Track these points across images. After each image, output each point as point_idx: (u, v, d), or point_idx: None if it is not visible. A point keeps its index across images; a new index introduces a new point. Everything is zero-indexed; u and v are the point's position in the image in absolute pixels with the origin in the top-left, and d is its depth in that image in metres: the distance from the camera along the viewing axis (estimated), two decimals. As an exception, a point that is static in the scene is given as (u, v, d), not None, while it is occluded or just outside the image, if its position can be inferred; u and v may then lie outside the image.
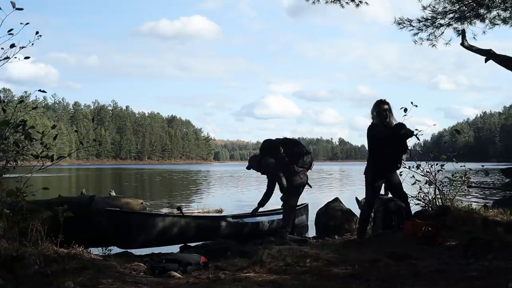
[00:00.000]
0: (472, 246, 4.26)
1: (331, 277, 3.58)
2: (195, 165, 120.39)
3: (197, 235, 6.30)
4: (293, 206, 6.83)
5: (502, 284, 3.07)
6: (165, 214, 7.14)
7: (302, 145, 7.04)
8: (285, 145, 6.85)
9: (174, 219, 6.15)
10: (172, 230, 6.04)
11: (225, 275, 3.78)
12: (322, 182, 24.86)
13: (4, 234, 3.73)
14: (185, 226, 6.18)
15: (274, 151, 6.76)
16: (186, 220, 6.28)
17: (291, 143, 7.00)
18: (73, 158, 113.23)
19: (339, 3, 8.23)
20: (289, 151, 6.77)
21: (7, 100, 8.32)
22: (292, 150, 6.78)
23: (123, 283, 3.50)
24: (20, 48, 4.13)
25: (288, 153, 6.74)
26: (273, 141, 7.02)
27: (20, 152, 4.19)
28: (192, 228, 6.26)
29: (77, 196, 8.08)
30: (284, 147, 6.79)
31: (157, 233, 5.88)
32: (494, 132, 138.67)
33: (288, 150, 6.77)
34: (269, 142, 6.99)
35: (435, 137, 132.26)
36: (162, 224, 5.94)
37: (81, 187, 17.03)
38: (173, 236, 6.11)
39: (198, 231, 6.31)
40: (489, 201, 9.45)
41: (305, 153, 6.82)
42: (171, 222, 6.07)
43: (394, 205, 5.83)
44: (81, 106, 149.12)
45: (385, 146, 5.55)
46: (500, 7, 8.22)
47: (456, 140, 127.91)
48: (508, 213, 5.83)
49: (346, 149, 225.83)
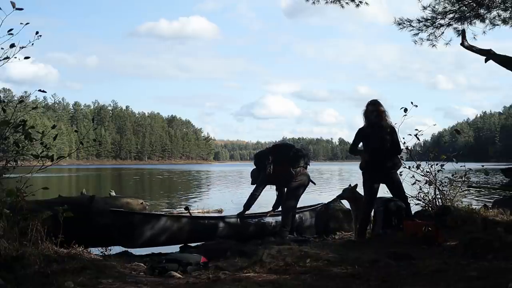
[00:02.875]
0: (472, 246, 4.26)
1: (331, 277, 3.59)
2: (195, 165, 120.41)
3: (203, 235, 6.28)
4: (291, 208, 6.80)
5: (502, 284, 3.07)
6: (171, 214, 7.13)
7: (294, 148, 7.00)
8: (275, 151, 6.88)
9: (181, 220, 6.15)
10: (178, 230, 6.03)
11: (225, 275, 3.78)
12: (322, 182, 24.87)
13: (4, 234, 3.72)
14: (191, 226, 6.18)
15: (263, 163, 6.79)
16: (192, 221, 6.28)
17: (283, 147, 7.06)
18: (73, 158, 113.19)
19: (339, 3, 8.24)
20: (282, 156, 6.76)
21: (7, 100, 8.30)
22: (285, 155, 6.77)
23: (123, 283, 3.50)
24: (20, 48, 4.13)
25: (281, 159, 6.73)
26: (262, 152, 7.14)
27: (20, 152, 4.20)
28: (199, 228, 6.26)
29: (77, 196, 8.08)
30: (273, 154, 6.80)
31: (163, 234, 5.87)
32: (494, 132, 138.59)
33: (280, 156, 6.76)
34: (258, 155, 7.11)
35: (435, 137, 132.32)
36: (167, 224, 5.93)
37: (81, 187, 17.00)
38: (179, 236, 6.11)
39: (205, 231, 6.30)
40: (489, 201, 9.44)
41: (298, 156, 6.79)
42: (177, 222, 6.06)
43: (394, 205, 5.83)
44: (81, 106, 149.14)
45: (371, 142, 5.62)
46: (500, 7, 8.22)
47: (456, 140, 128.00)
48: (508, 213, 5.84)
49: (346, 149, 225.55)
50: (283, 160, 6.73)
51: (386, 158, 5.66)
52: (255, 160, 7.02)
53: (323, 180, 27.56)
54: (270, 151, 6.97)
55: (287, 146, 7.13)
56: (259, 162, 6.88)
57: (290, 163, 6.71)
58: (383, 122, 5.67)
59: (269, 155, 6.82)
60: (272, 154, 6.83)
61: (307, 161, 6.95)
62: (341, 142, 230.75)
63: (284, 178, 6.72)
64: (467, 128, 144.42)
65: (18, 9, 4.00)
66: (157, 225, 5.82)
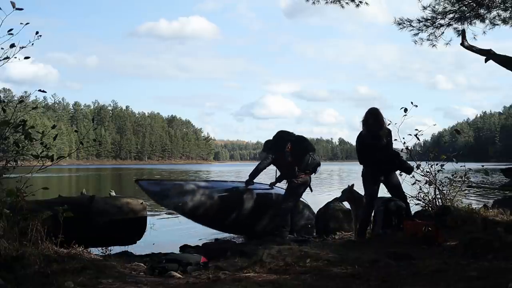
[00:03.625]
0: (472, 246, 4.26)
1: (331, 277, 3.59)
2: (195, 165, 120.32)
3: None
4: (289, 208, 6.77)
5: (502, 284, 3.07)
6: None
7: (311, 147, 6.89)
8: (297, 144, 6.70)
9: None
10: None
11: (225, 275, 3.78)
12: (322, 182, 24.86)
13: (4, 234, 3.72)
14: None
15: (281, 144, 6.66)
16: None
17: (303, 143, 6.83)
18: (73, 158, 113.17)
19: (339, 3, 8.24)
20: (297, 151, 6.64)
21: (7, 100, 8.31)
22: (300, 151, 6.65)
23: (123, 283, 3.50)
24: (20, 48, 4.13)
25: (295, 153, 6.62)
26: (286, 134, 6.86)
27: (20, 152, 4.20)
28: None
29: (77, 196, 8.08)
30: (293, 145, 6.65)
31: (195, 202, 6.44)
32: (494, 132, 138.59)
33: (296, 150, 6.63)
34: (282, 134, 6.86)
35: (435, 137, 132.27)
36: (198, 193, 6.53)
37: (81, 187, 16.97)
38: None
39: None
40: (489, 201, 9.44)
41: (312, 164, 6.69)
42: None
43: (394, 205, 5.83)
44: (81, 106, 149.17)
45: (375, 152, 5.65)
46: (500, 7, 8.22)
47: (456, 140, 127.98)
48: (508, 213, 5.84)
49: (346, 149, 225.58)
50: (297, 156, 6.62)
51: (387, 160, 5.71)
52: (277, 136, 6.84)
53: (321, 180, 27.54)
54: (293, 140, 6.75)
55: (307, 148, 6.81)
56: (279, 139, 6.75)
57: (299, 162, 6.64)
58: (383, 130, 5.72)
59: (290, 143, 6.67)
60: (293, 143, 6.68)
61: (317, 166, 6.84)
62: (341, 142, 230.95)
63: (287, 173, 6.69)
64: (467, 128, 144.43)
65: (18, 9, 3.99)
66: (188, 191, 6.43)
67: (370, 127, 5.66)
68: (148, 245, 6.41)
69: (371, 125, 5.66)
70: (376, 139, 5.65)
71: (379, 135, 5.66)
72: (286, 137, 6.80)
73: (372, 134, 5.66)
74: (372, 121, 5.68)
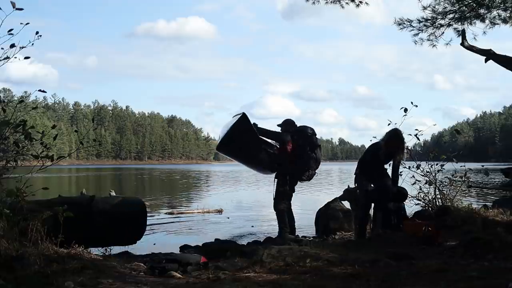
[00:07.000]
0: (472, 246, 4.26)
1: (331, 277, 3.59)
2: (195, 165, 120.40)
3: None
4: (283, 209, 6.66)
5: (502, 284, 3.07)
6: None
7: (319, 150, 6.69)
8: (301, 136, 6.52)
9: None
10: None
11: (225, 275, 3.77)
12: (322, 182, 24.87)
13: (4, 234, 3.72)
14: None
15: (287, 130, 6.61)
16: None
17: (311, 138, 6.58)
18: (73, 158, 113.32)
19: (339, 3, 8.24)
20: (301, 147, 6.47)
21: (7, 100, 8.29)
22: (302, 152, 6.48)
23: (123, 283, 3.50)
24: (20, 48, 4.14)
25: (299, 144, 6.47)
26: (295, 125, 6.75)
27: (20, 152, 4.20)
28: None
29: (77, 196, 8.08)
30: (297, 136, 6.50)
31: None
32: (494, 132, 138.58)
33: (299, 148, 6.47)
34: (290, 121, 6.80)
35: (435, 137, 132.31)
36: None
37: (81, 187, 17.02)
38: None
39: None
40: (489, 201, 9.44)
41: (309, 174, 6.60)
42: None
43: (394, 205, 5.84)
44: (81, 106, 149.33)
45: (382, 169, 5.81)
46: (500, 7, 8.23)
47: (456, 140, 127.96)
48: (508, 213, 5.84)
49: (346, 149, 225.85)
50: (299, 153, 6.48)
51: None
52: (286, 122, 6.79)
53: (321, 180, 27.57)
54: (298, 130, 6.64)
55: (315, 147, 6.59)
56: (286, 125, 6.71)
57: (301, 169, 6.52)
58: (400, 154, 5.79)
59: (293, 133, 6.57)
60: (297, 135, 6.56)
61: (312, 176, 6.72)
62: (341, 142, 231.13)
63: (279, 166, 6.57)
64: (467, 128, 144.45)
65: (18, 9, 4.00)
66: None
67: (391, 148, 5.68)
68: (148, 245, 6.42)
69: (391, 146, 5.68)
70: (389, 158, 5.74)
71: (394, 156, 5.72)
72: (292, 125, 6.72)
73: (389, 153, 5.70)
74: (393, 143, 5.71)
